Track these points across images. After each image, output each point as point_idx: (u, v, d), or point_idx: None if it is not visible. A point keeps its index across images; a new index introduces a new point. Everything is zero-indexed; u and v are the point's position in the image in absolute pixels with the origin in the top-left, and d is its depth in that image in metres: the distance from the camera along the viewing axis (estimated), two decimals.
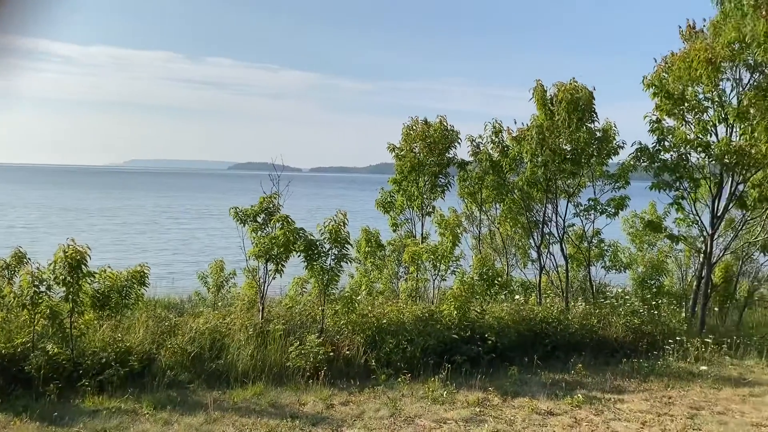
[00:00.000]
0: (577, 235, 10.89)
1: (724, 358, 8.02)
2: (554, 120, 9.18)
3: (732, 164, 8.72)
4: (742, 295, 10.93)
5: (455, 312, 7.89)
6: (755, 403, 6.31)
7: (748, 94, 8.45)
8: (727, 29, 8.61)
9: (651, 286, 11.65)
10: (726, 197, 9.39)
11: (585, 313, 8.93)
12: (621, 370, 7.47)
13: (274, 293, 9.06)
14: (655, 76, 9.06)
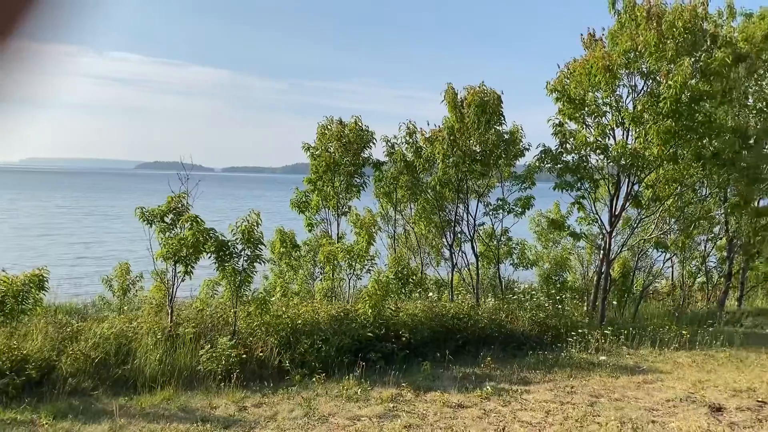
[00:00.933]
0: (487, 233, 11.27)
1: (621, 348, 8.51)
2: (465, 122, 9.45)
3: (628, 166, 9.29)
4: (637, 289, 11.65)
5: (370, 311, 7.96)
6: (648, 389, 6.75)
7: (642, 100, 9.01)
8: (623, 39, 9.15)
9: (555, 282, 12.24)
10: (623, 197, 9.97)
11: (494, 309, 9.26)
12: (527, 362, 7.78)
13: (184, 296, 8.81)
14: (558, 82, 9.50)
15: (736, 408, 6.04)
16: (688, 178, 9.90)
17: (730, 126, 9.87)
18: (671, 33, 8.70)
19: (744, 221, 11.27)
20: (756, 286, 12.91)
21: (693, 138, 9.11)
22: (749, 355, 8.23)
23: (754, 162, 10.20)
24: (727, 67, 8.96)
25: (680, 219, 10.30)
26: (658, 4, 9.05)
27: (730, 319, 10.15)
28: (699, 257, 12.13)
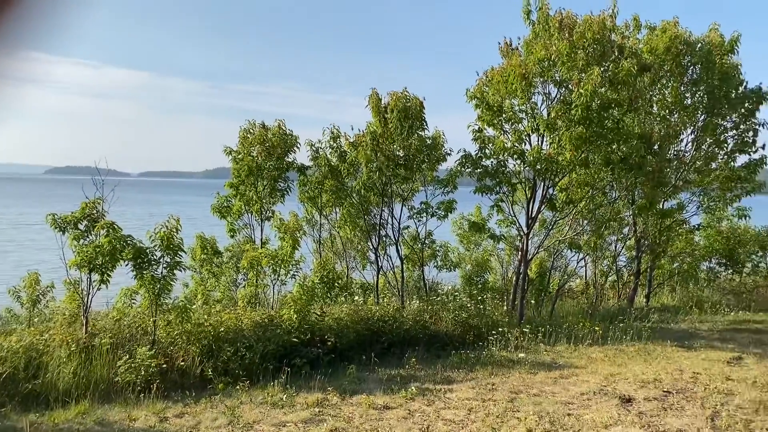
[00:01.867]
0: (412, 236, 11.45)
1: (539, 345, 8.85)
2: (388, 127, 9.58)
3: (542, 170, 9.68)
4: (554, 288, 12.13)
5: (295, 316, 7.92)
6: (564, 384, 7.05)
7: (555, 107, 9.41)
8: (537, 48, 9.53)
9: (477, 283, 12.59)
10: (539, 200, 10.37)
11: (419, 310, 9.42)
12: (451, 362, 7.96)
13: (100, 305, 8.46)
14: (477, 89, 9.79)
15: (644, 398, 6.40)
16: (598, 181, 10.41)
17: (637, 132, 10.45)
18: (582, 43, 9.15)
19: (650, 222, 11.96)
20: (662, 283, 13.71)
21: (603, 143, 9.60)
22: (656, 348, 8.74)
23: (658, 166, 10.86)
24: (633, 76, 9.49)
25: (592, 220, 10.82)
26: (569, 16, 9.49)
27: (639, 315, 10.74)
28: (610, 257, 12.76)
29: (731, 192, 12.26)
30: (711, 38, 11.53)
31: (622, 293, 12.85)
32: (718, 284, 13.91)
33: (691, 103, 11.90)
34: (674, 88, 11.83)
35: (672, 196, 12.30)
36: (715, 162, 12.26)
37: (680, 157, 12.22)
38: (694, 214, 13.00)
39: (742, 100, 11.88)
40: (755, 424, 5.53)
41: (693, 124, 12.03)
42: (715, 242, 13.53)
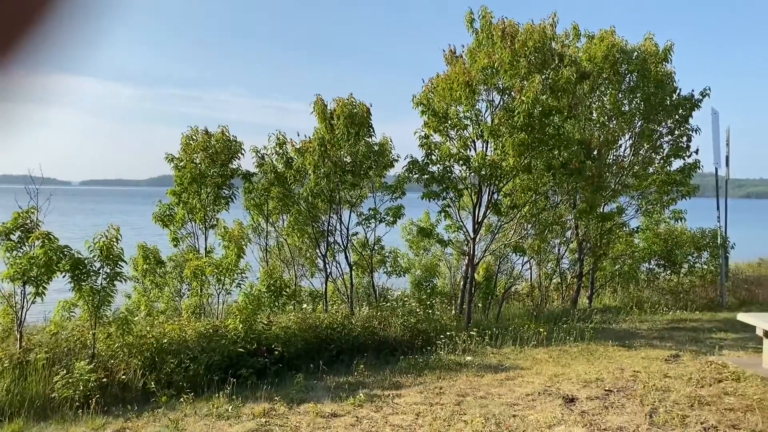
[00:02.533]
0: (361, 243, 11.45)
1: (486, 348, 8.97)
2: (335, 133, 9.57)
3: (487, 176, 9.84)
4: (500, 291, 12.33)
5: (241, 326, 7.80)
6: (510, 386, 7.16)
7: (498, 114, 9.60)
8: (481, 56, 9.70)
9: (426, 288, 12.68)
10: (485, 205, 10.53)
11: (368, 317, 9.41)
12: (400, 367, 7.99)
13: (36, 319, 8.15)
14: (423, 96, 9.89)
15: (586, 397, 6.55)
16: (541, 186, 10.66)
17: (577, 138, 10.76)
18: (523, 51, 9.37)
19: (591, 225, 12.30)
20: (604, 284, 14.11)
21: (544, 149, 9.84)
22: (598, 348, 8.98)
23: (597, 171, 11.20)
24: (573, 83, 9.77)
25: (535, 224, 11.06)
26: (511, 25, 9.71)
27: (582, 316, 11.02)
28: (554, 259, 13.05)
29: (668, 195, 12.73)
30: (646, 47, 11.98)
31: (566, 295, 13.15)
32: (657, 285, 14.39)
33: (629, 109, 12.32)
34: (612, 95, 12.23)
35: (612, 200, 12.69)
36: (652, 166, 12.72)
37: (619, 162, 12.63)
38: (633, 217, 13.45)
39: (676, 107, 12.37)
40: (690, 419, 5.73)
41: (631, 130, 12.46)
42: (653, 244, 14.01)
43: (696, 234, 14.30)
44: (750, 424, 5.50)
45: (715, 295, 12.91)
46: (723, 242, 13.46)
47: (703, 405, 6.11)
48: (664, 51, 11.99)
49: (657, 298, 12.92)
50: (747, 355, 8.21)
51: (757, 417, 5.63)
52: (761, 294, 13.60)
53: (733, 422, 5.58)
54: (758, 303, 12.89)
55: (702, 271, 14.23)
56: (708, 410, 5.95)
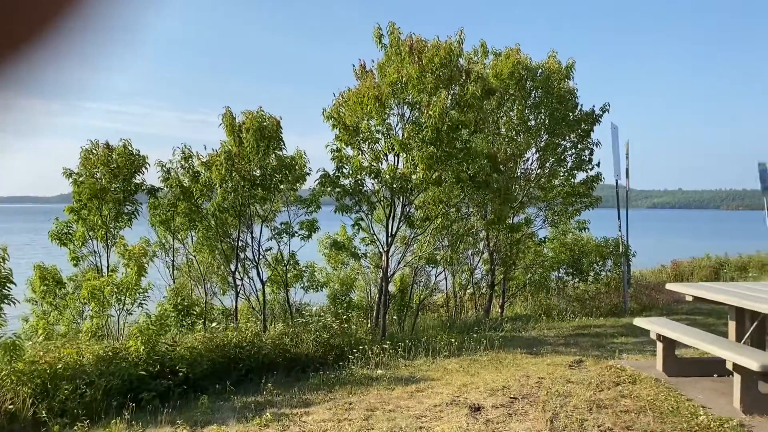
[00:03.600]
0: (275, 258, 11.26)
1: (399, 360, 8.98)
2: (244, 146, 9.39)
3: (399, 189, 9.93)
4: (415, 303, 12.43)
5: (143, 347, 7.48)
6: (419, 398, 7.18)
7: (408, 128, 9.72)
8: (390, 71, 9.82)
9: (342, 302, 12.61)
10: (398, 218, 10.61)
11: (279, 334, 9.24)
12: (310, 384, 7.87)
13: None
14: (334, 110, 9.89)
15: (492, 406, 6.66)
16: (452, 199, 10.86)
17: (485, 152, 11.04)
18: (431, 67, 9.54)
19: (501, 236, 12.63)
20: (516, 293, 14.50)
21: (453, 163, 10.03)
22: (507, 356, 9.18)
23: (505, 184, 11.53)
24: (479, 99, 10.03)
25: (448, 236, 11.24)
26: (419, 41, 9.87)
27: (493, 325, 11.26)
28: (468, 270, 13.30)
29: (572, 206, 13.27)
30: (550, 64, 12.49)
31: (480, 305, 13.42)
32: (566, 292, 14.93)
33: (535, 124, 12.79)
34: (519, 110, 12.66)
35: (520, 211, 13.10)
36: (557, 179, 13.24)
37: (527, 174, 13.07)
38: (541, 227, 13.92)
39: (578, 122, 12.94)
40: (588, 422, 5.92)
41: (537, 144, 12.93)
42: (560, 253, 14.54)
43: (600, 243, 14.96)
44: (642, 425, 5.73)
45: (619, 301, 13.51)
46: (625, 250, 14.13)
47: (601, 408, 6.33)
48: (566, 68, 12.53)
49: (565, 305, 13.38)
50: (644, 358, 8.60)
51: (649, 417, 5.88)
52: (661, 299, 14.35)
53: (628, 424, 5.80)
54: (658, 308, 13.59)
55: (607, 278, 14.88)
56: (605, 413, 6.17)
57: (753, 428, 5.31)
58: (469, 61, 11.35)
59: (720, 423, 5.44)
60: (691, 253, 22.46)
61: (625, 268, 14.03)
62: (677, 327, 7.10)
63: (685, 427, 5.50)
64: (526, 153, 12.74)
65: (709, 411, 5.80)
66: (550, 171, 13.13)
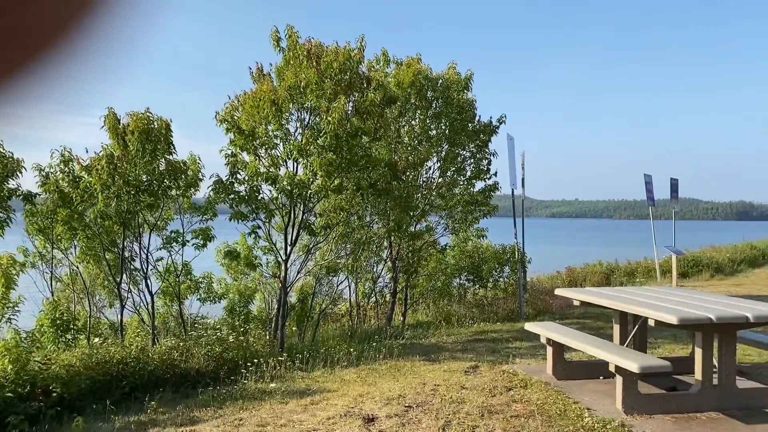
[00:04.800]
0: (167, 269, 10.72)
1: (295, 373, 8.73)
2: (128, 150, 8.86)
3: (297, 196, 9.70)
4: (315, 313, 12.21)
5: (10, 366, 6.83)
6: (314, 410, 6.97)
7: (307, 134, 9.53)
8: (288, 75, 9.59)
9: (240, 313, 12.19)
10: (297, 226, 10.37)
11: (168, 349, 8.75)
12: (200, 401, 7.48)
13: None
14: (228, 113, 9.54)
15: (386, 416, 6.55)
16: (354, 206, 10.75)
17: (386, 160, 11.03)
18: (330, 73, 9.41)
19: (404, 244, 12.66)
20: (418, 300, 14.60)
21: (354, 170, 9.93)
22: (405, 364, 9.14)
23: (406, 192, 11.57)
24: (379, 106, 10.00)
25: (350, 244, 11.12)
26: (318, 45, 9.72)
27: (394, 333, 11.22)
28: (371, 278, 13.24)
29: (471, 215, 13.53)
30: (449, 75, 12.70)
31: (382, 313, 13.37)
32: (466, 299, 15.18)
33: (436, 134, 12.94)
34: (421, 119, 12.77)
35: (422, 220, 13.20)
36: (457, 188, 13.45)
37: (428, 183, 13.20)
38: (442, 235, 14.10)
39: (477, 133, 13.22)
40: (480, 429, 5.93)
41: (438, 153, 13.08)
42: (461, 261, 14.79)
43: (498, 250, 15.34)
44: (531, 429, 5.80)
45: (515, 307, 13.87)
46: (521, 257, 14.55)
47: (492, 414, 6.37)
48: (465, 79, 12.78)
49: (465, 311, 13.58)
50: (536, 362, 8.81)
51: (538, 421, 5.97)
52: (555, 304, 14.85)
53: (517, 429, 5.86)
54: (552, 312, 14.05)
55: (505, 284, 15.27)
56: (496, 419, 6.21)
57: (633, 428, 5.49)
58: (370, 69, 11.33)
59: (603, 424, 5.59)
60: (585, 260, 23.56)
61: (521, 275, 14.44)
62: (565, 331, 7.29)
63: (571, 430, 5.62)
64: (427, 162, 12.86)
65: (593, 412, 5.96)
66: (451, 180, 13.32)
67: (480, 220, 13.64)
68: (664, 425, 5.51)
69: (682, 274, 20.39)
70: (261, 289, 12.91)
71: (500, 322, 12.96)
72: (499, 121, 13.31)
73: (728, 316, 5.51)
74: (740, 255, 24.41)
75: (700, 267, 21.72)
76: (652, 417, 5.72)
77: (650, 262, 22.08)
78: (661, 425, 5.51)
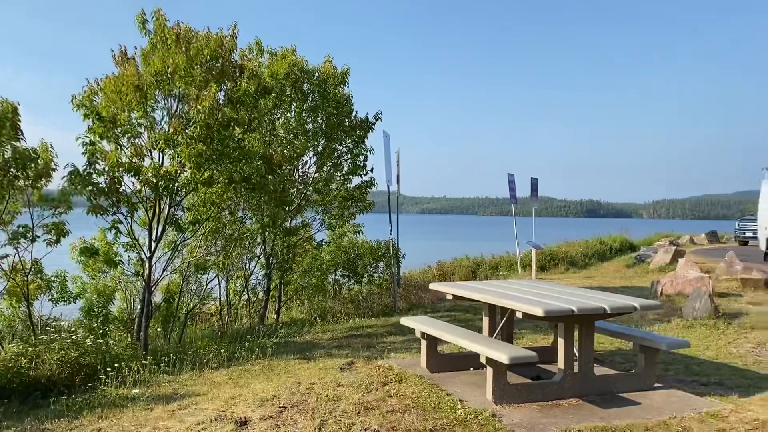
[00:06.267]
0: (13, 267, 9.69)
1: (161, 376, 8.22)
2: None
3: (163, 189, 9.12)
4: (182, 313, 11.61)
5: None
6: (181, 416, 6.58)
7: (175, 123, 8.99)
8: (155, 60, 8.99)
9: (98, 315, 11.32)
10: (163, 220, 9.76)
11: (14, 355, 7.90)
12: (52, 411, 6.81)
13: None
14: (86, 98, 8.77)
15: (260, 418, 6.32)
16: (225, 200, 10.31)
17: (259, 153, 10.69)
18: (200, 59, 8.93)
19: (278, 240, 12.38)
20: (293, 297, 14.36)
21: (226, 162, 9.52)
22: (280, 363, 8.91)
23: (281, 186, 11.29)
24: (252, 97, 9.66)
25: (220, 240, 10.66)
26: (188, 30, 9.20)
27: (268, 332, 10.93)
28: (243, 276, 12.82)
29: (348, 210, 13.51)
30: (326, 69, 12.57)
31: (254, 311, 13.00)
32: (342, 295, 15.17)
33: (312, 128, 12.77)
34: (297, 112, 12.54)
35: (298, 215, 12.98)
36: (334, 183, 13.37)
37: (305, 178, 13.00)
38: (318, 231, 13.97)
39: (354, 128, 13.21)
40: (356, 426, 5.87)
41: (315, 148, 12.92)
42: (336, 256, 14.74)
43: (374, 246, 15.47)
44: (407, 423, 5.84)
45: (390, 301, 14.05)
46: (395, 252, 14.76)
47: (368, 410, 6.34)
48: (341, 74, 12.72)
49: (340, 307, 13.54)
50: (411, 356, 8.93)
51: (413, 415, 6.02)
52: (427, 298, 15.24)
53: (393, 424, 5.87)
54: (424, 306, 14.39)
55: (380, 279, 15.42)
56: (373, 415, 6.19)
57: (503, 417, 5.68)
58: (243, 58, 10.92)
59: (475, 415, 5.75)
60: (453, 254, 24.48)
61: (396, 269, 14.66)
62: (438, 324, 7.44)
63: (444, 422, 5.71)
64: (303, 156, 12.65)
65: (466, 404, 6.11)
66: (328, 175, 13.22)
67: (356, 216, 13.66)
68: (531, 414, 5.76)
69: (541, 267, 21.76)
70: (122, 288, 12.05)
71: (375, 317, 13.07)
72: (376, 118, 13.39)
73: (588, 308, 5.87)
74: (591, 249, 26.49)
75: (557, 261, 23.30)
76: (520, 406, 5.97)
77: (512, 256, 23.35)
78: (528, 414, 5.76)
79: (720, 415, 5.71)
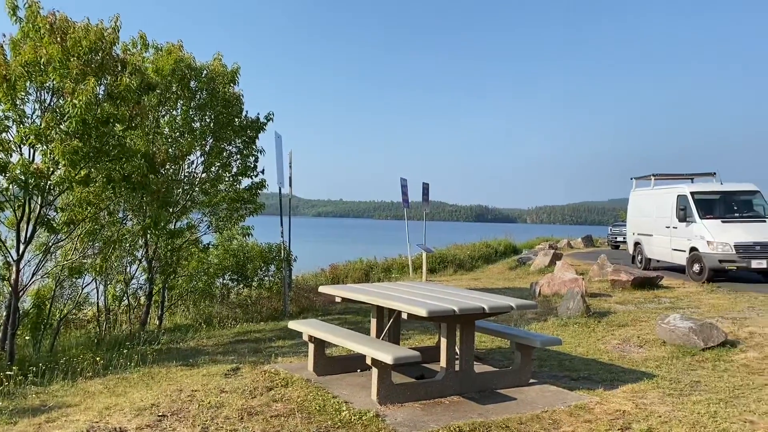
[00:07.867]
0: None
1: (28, 388, 7.67)
2: None
3: (33, 187, 8.51)
4: (55, 319, 10.88)
5: None
6: (48, 429, 6.17)
7: (48, 117, 8.42)
8: (26, 49, 8.39)
9: None
10: (33, 221, 9.11)
11: None
12: None
13: None
14: None
15: (136, 428, 6.05)
16: (104, 201, 9.78)
17: (142, 151, 10.24)
18: (77, 51, 8.44)
19: (161, 242, 11.89)
20: (177, 303, 13.85)
21: (105, 160, 9.03)
22: (160, 370, 8.57)
23: (165, 186, 10.87)
24: (135, 93, 9.24)
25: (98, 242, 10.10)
26: (64, 19, 8.66)
27: (149, 338, 10.47)
28: (122, 280, 12.20)
29: (237, 212, 13.23)
30: (215, 67, 12.25)
31: (135, 317, 12.41)
32: (230, 299, 14.82)
33: (200, 126, 12.40)
34: (184, 110, 12.12)
35: (183, 216, 12.54)
36: (223, 184, 13.05)
37: (191, 178, 12.59)
38: (205, 233, 13.56)
39: (244, 128, 12.97)
40: None
41: (202, 147, 12.55)
42: (225, 260, 14.39)
43: (264, 249, 15.25)
44: (291, 427, 5.81)
45: (280, 305, 13.90)
46: (286, 255, 14.63)
47: (252, 416, 6.25)
48: (231, 72, 12.45)
49: (227, 312, 13.23)
50: (298, 360, 8.88)
51: (298, 419, 6.00)
52: (318, 301, 15.22)
53: (277, 428, 5.82)
54: (315, 309, 14.36)
55: (270, 283, 15.22)
56: (256, 420, 6.10)
57: (386, 417, 5.79)
58: (126, 52, 10.41)
59: (359, 416, 5.82)
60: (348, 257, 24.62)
61: (287, 273, 14.52)
62: (325, 327, 7.46)
63: (329, 425, 5.74)
64: (190, 155, 12.25)
65: (351, 405, 6.17)
66: (216, 175, 12.88)
67: (246, 218, 13.41)
68: (413, 412, 5.91)
69: (431, 270, 22.37)
70: None
71: (264, 321, 12.86)
72: (267, 118, 13.22)
73: (468, 308, 6.11)
74: (478, 252, 27.59)
75: (446, 263, 24.05)
76: (404, 405, 6.11)
77: (404, 259, 23.82)
78: (411, 412, 5.91)
79: (587, 407, 6.13)
